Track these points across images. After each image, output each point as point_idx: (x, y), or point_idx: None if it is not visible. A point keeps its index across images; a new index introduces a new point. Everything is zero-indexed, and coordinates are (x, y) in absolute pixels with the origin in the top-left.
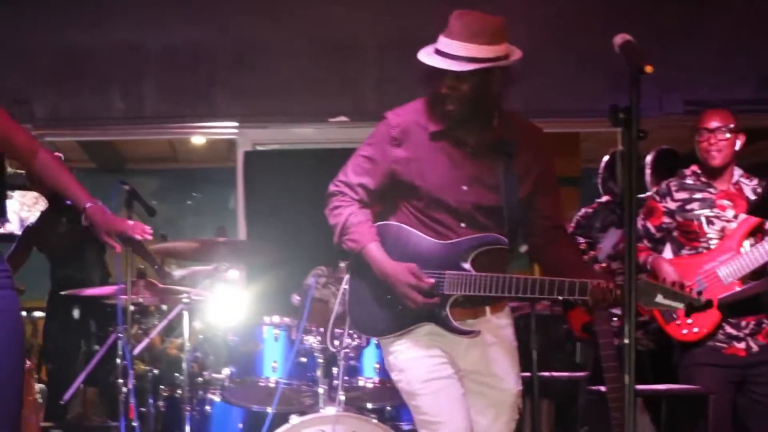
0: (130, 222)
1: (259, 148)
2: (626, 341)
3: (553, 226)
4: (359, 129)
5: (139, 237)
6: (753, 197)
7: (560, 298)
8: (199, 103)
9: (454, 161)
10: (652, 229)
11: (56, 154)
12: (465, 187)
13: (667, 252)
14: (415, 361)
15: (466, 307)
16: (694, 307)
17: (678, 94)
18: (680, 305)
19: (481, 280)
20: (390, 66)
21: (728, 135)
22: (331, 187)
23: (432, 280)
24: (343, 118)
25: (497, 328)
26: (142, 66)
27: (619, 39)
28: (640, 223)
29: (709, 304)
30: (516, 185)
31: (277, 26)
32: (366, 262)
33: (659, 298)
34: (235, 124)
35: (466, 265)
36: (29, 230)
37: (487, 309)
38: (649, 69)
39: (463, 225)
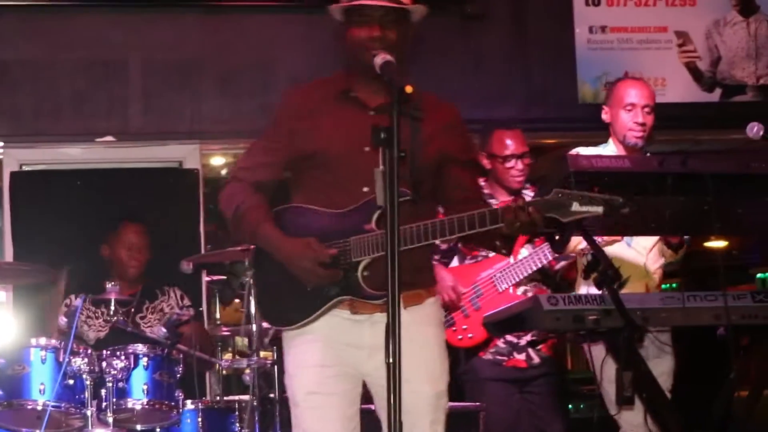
0: None
1: (25, 168)
2: (390, 361)
3: (468, 198)
4: (125, 149)
5: None
6: None
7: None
8: None
9: (356, 123)
10: (438, 242)
11: None
12: (368, 149)
13: (455, 263)
14: (305, 369)
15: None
16: (613, 207)
17: None
18: (599, 209)
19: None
20: (155, 85)
21: (528, 159)
22: (227, 181)
23: (333, 250)
24: (109, 138)
25: (410, 324)
26: None
27: (379, 60)
28: None
29: (628, 204)
30: (419, 148)
31: (41, 44)
32: (265, 249)
33: (575, 207)
34: (0, 143)
35: (370, 227)
36: None
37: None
38: (409, 89)
39: (365, 189)
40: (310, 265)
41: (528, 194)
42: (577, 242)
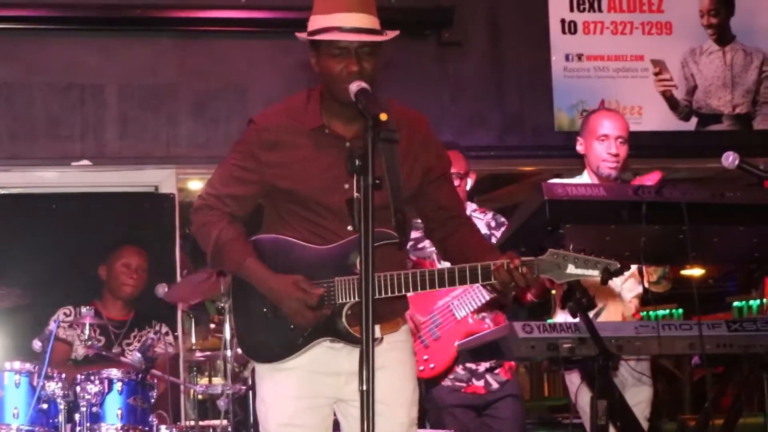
0: None
1: (0, 191)
2: (363, 388)
3: (450, 217)
4: (101, 173)
5: None
6: (485, 230)
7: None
8: None
9: (332, 158)
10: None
11: None
12: (347, 186)
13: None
14: (280, 398)
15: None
16: (611, 272)
17: None
18: (595, 273)
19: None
20: (131, 110)
21: (461, 180)
22: (197, 202)
23: (321, 290)
24: (85, 162)
25: (388, 350)
26: None
27: (354, 87)
28: None
29: (624, 267)
30: (400, 176)
31: (17, 67)
32: (247, 282)
33: (571, 269)
34: None
35: (356, 268)
36: None
37: (377, 328)
38: (384, 117)
39: (350, 228)
40: (298, 306)
41: (477, 216)
42: None
